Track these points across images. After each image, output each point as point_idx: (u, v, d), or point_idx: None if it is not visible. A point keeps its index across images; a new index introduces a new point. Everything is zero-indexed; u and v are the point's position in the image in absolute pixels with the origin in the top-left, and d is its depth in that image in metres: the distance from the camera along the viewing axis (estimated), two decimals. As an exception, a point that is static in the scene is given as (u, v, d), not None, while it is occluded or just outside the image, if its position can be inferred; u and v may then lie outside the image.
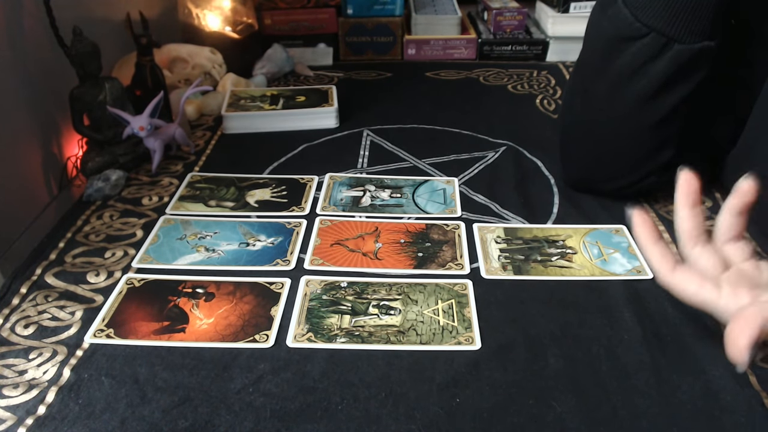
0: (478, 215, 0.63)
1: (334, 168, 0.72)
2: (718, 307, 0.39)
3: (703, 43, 0.52)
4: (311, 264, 0.56)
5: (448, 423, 0.41)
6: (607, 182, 0.63)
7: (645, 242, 0.42)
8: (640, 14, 0.53)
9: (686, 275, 0.40)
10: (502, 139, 0.79)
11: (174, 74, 0.87)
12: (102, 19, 0.79)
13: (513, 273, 0.54)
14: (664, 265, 0.40)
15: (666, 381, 0.44)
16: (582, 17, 0.99)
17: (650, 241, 0.41)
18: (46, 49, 0.66)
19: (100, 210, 0.64)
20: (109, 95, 0.68)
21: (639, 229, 0.42)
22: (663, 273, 0.40)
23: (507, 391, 0.43)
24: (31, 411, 0.42)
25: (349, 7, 1.04)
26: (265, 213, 0.64)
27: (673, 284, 0.40)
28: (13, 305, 0.51)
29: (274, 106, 0.83)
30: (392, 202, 0.65)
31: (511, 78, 0.99)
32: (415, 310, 0.50)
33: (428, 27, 1.08)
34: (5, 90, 0.61)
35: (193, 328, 0.49)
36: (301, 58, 1.05)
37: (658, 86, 0.55)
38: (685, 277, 0.40)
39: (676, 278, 0.40)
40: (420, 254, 0.57)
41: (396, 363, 0.46)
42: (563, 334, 0.48)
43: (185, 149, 0.76)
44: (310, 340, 0.47)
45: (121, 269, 0.55)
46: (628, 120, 0.58)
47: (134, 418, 0.41)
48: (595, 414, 0.41)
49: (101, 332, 0.48)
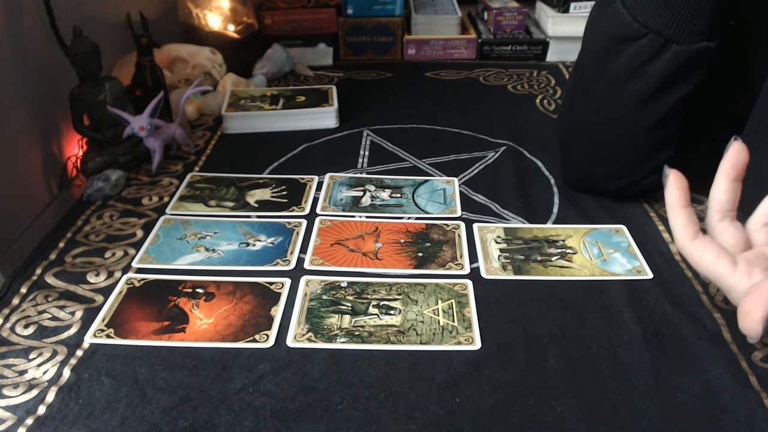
0: (478, 215, 0.63)
1: (334, 168, 0.72)
2: (729, 282, 0.38)
3: (701, 44, 0.52)
4: (311, 264, 0.56)
5: (448, 423, 0.41)
6: (607, 182, 0.64)
7: (674, 204, 0.40)
8: (638, 15, 0.53)
9: (706, 245, 0.39)
10: (502, 139, 0.79)
11: (174, 74, 0.87)
12: (102, 19, 0.79)
13: (513, 273, 0.55)
14: (687, 231, 0.40)
15: (666, 381, 0.44)
16: (582, 17, 0.98)
17: (680, 204, 0.40)
18: (46, 49, 0.66)
19: (100, 210, 0.64)
20: (109, 95, 0.68)
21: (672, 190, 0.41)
22: (684, 239, 0.40)
23: (507, 391, 0.43)
24: (31, 411, 0.42)
25: (349, 7, 1.04)
26: (265, 213, 0.64)
27: (691, 251, 0.40)
28: (13, 305, 0.51)
29: (274, 106, 0.83)
30: (392, 202, 0.65)
31: (511, 78, 0.99)
32: (415, 310, 0.50)
33: (428, 27, 1.08)
34: (5, 90, 0.61)
35: (193, 328, 0.49)
36: (301, 58, 1.05)
37: (656, 87, 0.55)
38: (705, 246, 0.39)
39: (696, 246, 0.39)
40: (420, 254, 0.57)
41: (396, 363, 0.46)
42: (563, 334, 0.48)
43: (185, 149, 0.76)
44: (310, 340, 0.47)
45: (121, 269, 0.55)
46: (627, 120, 0.58)
47: (134, 418, 0.41)
48: (595, 414, 0.41)
49: (101, 332, 0.48)
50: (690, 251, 0.40)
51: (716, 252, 0.39)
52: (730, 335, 0.48)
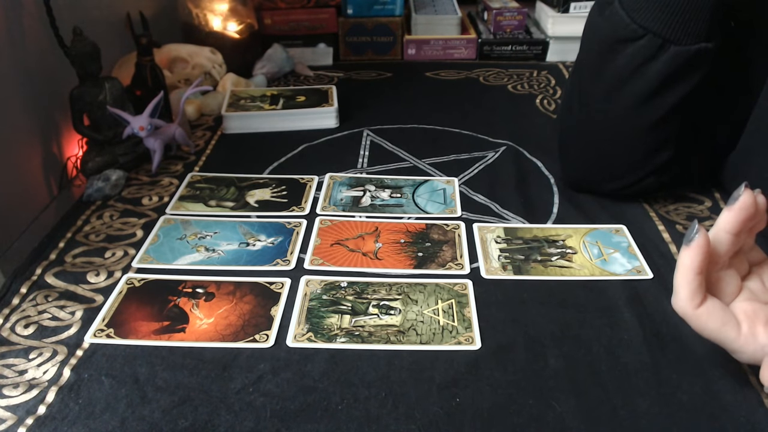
0: (478, 215, 0.63)
1: (334, 168, 0.72)
2: (734, 345, 0.39)
3: (699, 45, 0.52)
4: (311, 264, 0.56)
5: (448, 423, 0.41)
6: (606, 183, 0.63)
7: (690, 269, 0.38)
8: (636, 16, 0.53)
9: (710, 311, 0.39)
10: (502, 139, 0.79)
11: (174, 74, 0.87)
12: (102, 19, 0.79)
13: (513, 273, 0.55)
14: (693, 299, 0.39)
15: (666, 381, 0.44)
16: (582, 17, 0.98)
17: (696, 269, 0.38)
18: (46, 49, 0.66)
19: (100, 210, 0.64)
20: (109, 95, 0.68)
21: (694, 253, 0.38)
22: (690, 306, 0.39)
23: (507, 391, 0.43)
24: (31, 411, 0.42)
25: (349, 7, 1.04)
26: (265, 213, 0.64)
27: (695, 318, 0.39)
28: (13, 305, 0.51)
29: (274, 106, 0.83)
30: (392, 202, 0.65)
31: (511, 78, 0.99)
32: (415, 310, 0.50)
33: (428, 27, 1.08)
34: (5, 90, 0.61)
35: (193, 328, 0.49)
36: (301, 58, 1.05)
37: (655, 88, 0.54)
38: (709, 313, 0.39)
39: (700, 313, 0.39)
40: (420, 254, 0.57)
41: (396, 363, 0.46)
42: (563, 334, 0.48)
43: (185, 149, 0.76)
44: (310, 340, 0.47)
45: (121, 269, 0.55)
46: (626, 121, 0.58)
47: (134, 418, 0.41)
48: (595, 414, 0.41)
49: (101, 332, 0.48)
50: (694, 318, 0.39)
51: (721, 318, 0.39)
52: (730, 335, 0.48)
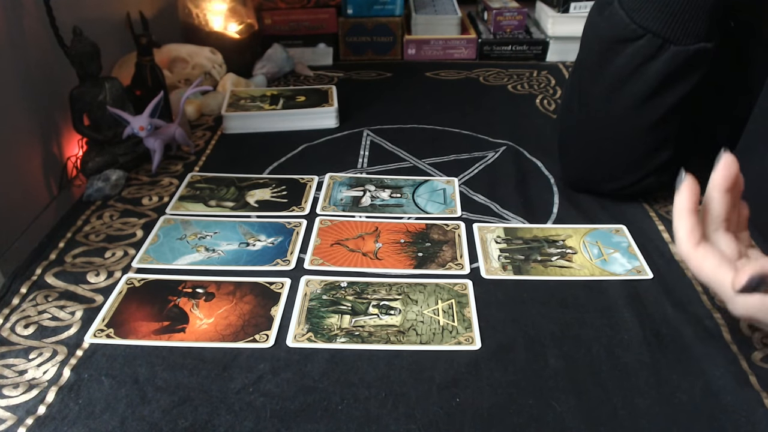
0: (478, 215, 0.63)
1: (334, 168, 0.72)
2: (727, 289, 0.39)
3: (699, 45, 0.52)
4: (311, 264, 0.56)
5: (448, 423, 0.41)
6: (606, 182, 0.64)
7: (683, 208, 0.41)
8: (635, 16, 0.53)
9: (708, 252, 0.40)
10: (502, 139, 0.79)
11: (174, 74, 0.87)
12: (102, 19, 0.79)
13: (513, 273, 0.55)
14: (691, 237, 0.40)
15: (666, 381, 0.44)
16: (582, 17, 0.98)
17: (688, 209, 0.40)
18: (46, 49, 0.66)
19: (100, 210, 0.64)
20: (109, 95, 0.68)
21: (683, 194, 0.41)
22: (687, 244, 0.40)
23: (507, 391, 0.43)
24: (31, 411, 0.42)
25: (349, 7, 1.04)
26: (265, 213, 0.64)
27: (693, 257, 0.40)
28: (13, 305, 0.51)
29: (274, 106, 0.83)
30: (392, 202, 0.65)
31: (511, 78, 0.99)
32: (415, 310, 0.50)
33: (428, 27, 1.08)
34: (5, 90, 0.61)
35: (193, 328, 0.49)
36: (301, 58, 1.05)
37: (655, 87, 0.55)
38: (707, 253, 0.40)
39: (698, 253, 0.40)
40: (420, 254, 0.57)
41: (396, 363, 0.46)
42: (563, 334, 0.48)
43: (185, 149, 0.76)
44: (310, 340, 0.47)
45: (121, 269, 0.55)
46: (625, 121, 0.58)
47: (134, 418, 0.41)
48: (595, 414, 0.41)
49: (101, 332, 0.48)
50: (692, 257, 0.40)
51: (718, 260, 0.39)
52: (729, 335, 0.48)
